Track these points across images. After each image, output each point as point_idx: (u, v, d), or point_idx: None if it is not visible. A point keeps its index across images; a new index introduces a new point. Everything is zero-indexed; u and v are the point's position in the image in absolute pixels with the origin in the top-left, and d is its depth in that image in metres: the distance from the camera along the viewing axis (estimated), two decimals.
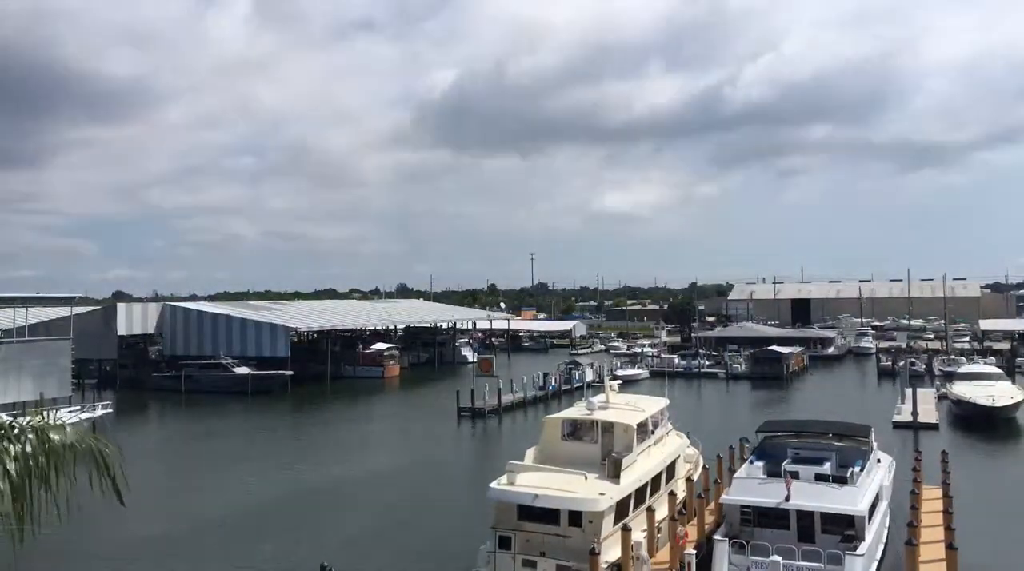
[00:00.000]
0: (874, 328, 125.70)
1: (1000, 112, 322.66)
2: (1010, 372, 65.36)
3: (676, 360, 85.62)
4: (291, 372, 72.43)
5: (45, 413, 8.08)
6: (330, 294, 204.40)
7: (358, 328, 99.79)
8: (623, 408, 25.77)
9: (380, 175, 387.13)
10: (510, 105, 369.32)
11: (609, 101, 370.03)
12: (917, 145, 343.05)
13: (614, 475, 21.64)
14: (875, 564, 20.14)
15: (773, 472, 22.01)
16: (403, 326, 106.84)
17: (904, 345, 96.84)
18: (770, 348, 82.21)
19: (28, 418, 7.80)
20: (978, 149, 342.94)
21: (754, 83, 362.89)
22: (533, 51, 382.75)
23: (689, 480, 25.98)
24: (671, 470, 25.45)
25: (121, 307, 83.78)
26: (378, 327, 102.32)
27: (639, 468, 22.78)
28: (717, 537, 20.26)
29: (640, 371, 78.00)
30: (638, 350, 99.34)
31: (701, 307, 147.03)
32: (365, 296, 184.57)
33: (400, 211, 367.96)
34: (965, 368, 61.90)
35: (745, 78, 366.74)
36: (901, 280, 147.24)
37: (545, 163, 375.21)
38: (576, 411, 25.70)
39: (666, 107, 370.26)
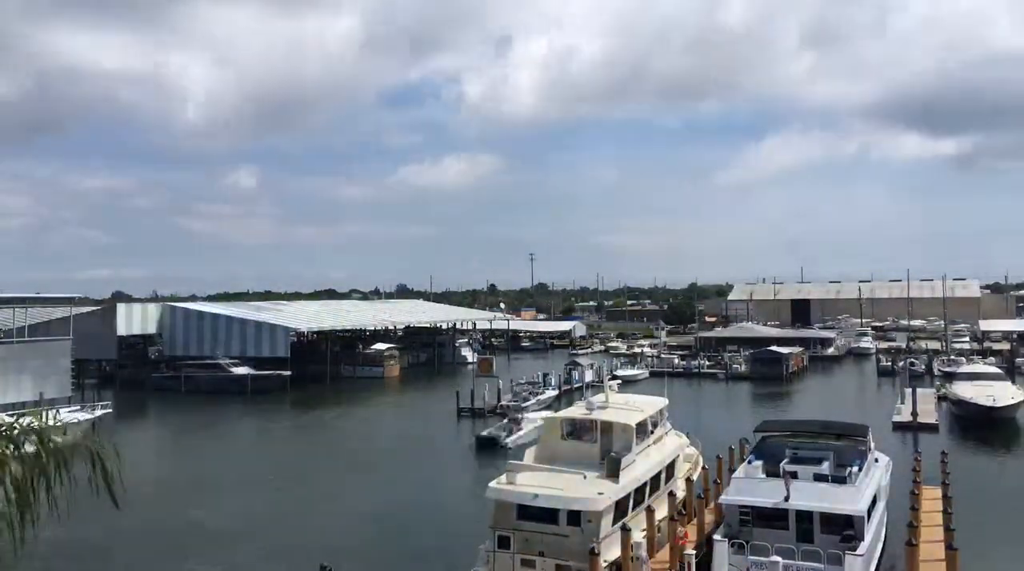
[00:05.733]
0: (874, 328, 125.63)
1: None
2: (1010, 372, 65.34)
3: (676, 360, 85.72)
4: (290, 372, 72.44)
5: (45, 414, 8.08)
6: (330, 294, 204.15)
7: (358, 328, 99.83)
8: (622, 408, 25.78)
9: None
10: None
11: None
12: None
13: (613, 475, 21.65)
14: (874, 564, 20.15)
15: (772, 472, 21.99)
16: (403, 326, 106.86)
17: (904, 345, 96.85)
18: (770, 348, 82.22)
19: (28, 419, 7.80)
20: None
21: None
22: None
23: (689, 480, 25.98)
24: (670, 470, 25.44)
25: (121, 307, 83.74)
26: (378, 327, 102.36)
27: (638, 468, 22.79)
28: (716, 537, 20.26)
29: (640, 371, 78.05)
30: (637, 350, 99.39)
31: (701, 307, 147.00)
32: (365, 296, 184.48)
33: None
34: (965, 368, 61.89)
35: None
36: (901, 280, 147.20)
37: None
38: (576, 411, 25.74)
39: None
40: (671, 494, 23.64)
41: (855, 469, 22.04)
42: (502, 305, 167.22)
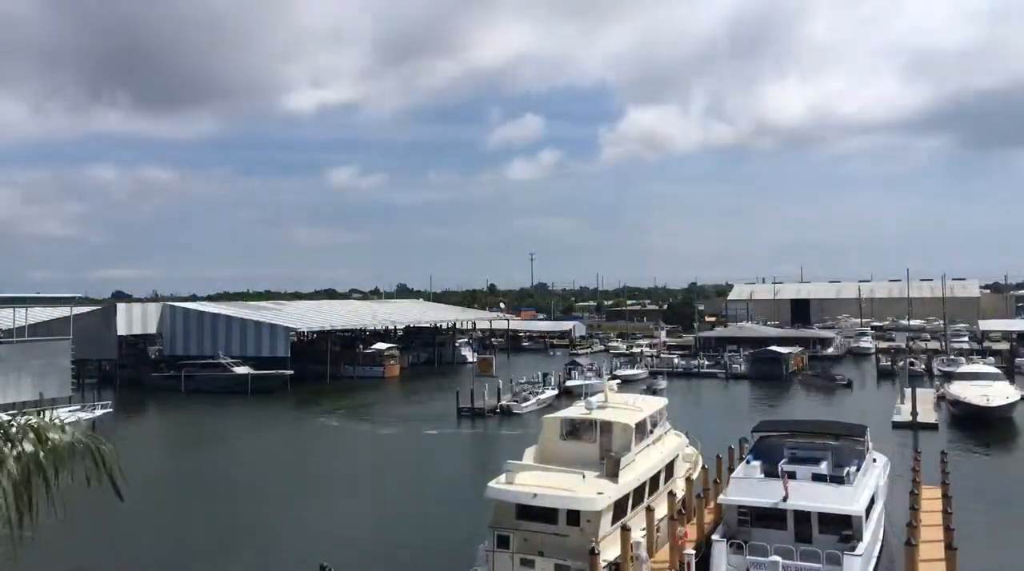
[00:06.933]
0: (873, 328, 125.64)
1: None
2: (1009, 372, 65.36)
3: (676, 360, 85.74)
4: (291, 372, 72.50)
5: (44, 413, 8.10)
6: (330, 294, 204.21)
7: (358, 328, 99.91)
8: (622, 408, 25.78)
9: None
10: None
11: None
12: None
13: (612, 474, 21.65)
14: (872, 564, 20.17)
15: (770, 472, 21.97)
16: (403, 326, 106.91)
17: (903, 345, 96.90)
18: (769, 348, 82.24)
19: (27, 418, 7.82)
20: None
21: None
22: None
23: (688, 480, 25.98)
24: (670, 469, 25.45)
25: (121, 307, 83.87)
26: (378, 327, 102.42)
27: (638, 467, 22.79)
28: (715, 537, 20.28)
29: (639, 371, 78.10)
30: (637, 350, 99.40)
31: (701, 307, 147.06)
32: (365, 296, 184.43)
33: None
34: (963, 368, 61.92)
35: None
36: (900, 280, 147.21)
37: None
38: (575, 410, 25.71)
39: None
40: (671, 494, 23.63)
41: (853, 469, 22.05)
42: (502, 305, 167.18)
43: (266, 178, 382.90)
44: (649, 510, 21.99)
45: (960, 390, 50.76)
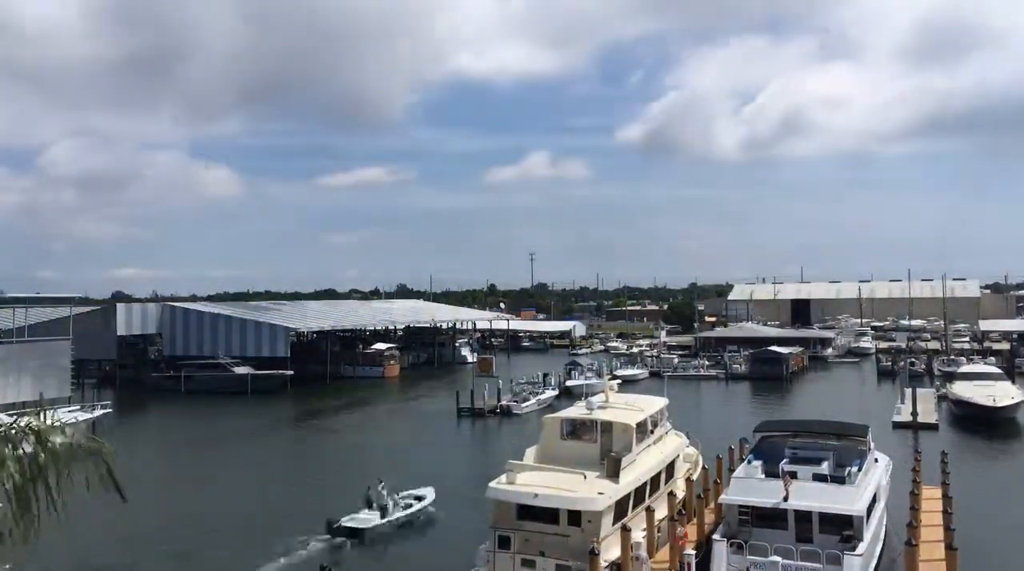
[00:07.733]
0: (874, 328, 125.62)
1: None
2: (1009, 372, 65.35)
3: (676, 360, 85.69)
4: (291, 372, 72.48)
5: (44, 414, 8.07)
6: (330, 294, 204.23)
7: (358, 328, 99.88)
8: (622, 408, 25.76)
9: None
10: None
11: None
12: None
13: (613, 474, 21.63)
14: (873, 564, 20.14)
15: (771, 472, 21.93)
16: (403, 326, 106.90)
17: (904, 345, 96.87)
18: (770, 348, 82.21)
19: (27, 419, 7.79)
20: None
21: None
22: None
23: (689, 480, 25.98)
24: (670, 470, 25.42)
25: (121, 307, 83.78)
26: (378, 327, 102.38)
27: (638, 467, 22.77)
28: (716, 537, 20.25)
29: (639, 371, 78.07)
30: (637, 350, 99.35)
31: (701, 307, 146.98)
32: (365, 296, 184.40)
33: None
34: (965, 368, 61.93)
35: None
36: (901, 280, 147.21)
37: None
38: (575, 411, 25.68)
39: None
40: (671, 494, 23.63)
41: (855, 469, 22.01)
42: (502, 305, 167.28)
43: (264, 179, 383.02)
44: (649, 510, 21.98)
45: (964, 390, 50.77)
